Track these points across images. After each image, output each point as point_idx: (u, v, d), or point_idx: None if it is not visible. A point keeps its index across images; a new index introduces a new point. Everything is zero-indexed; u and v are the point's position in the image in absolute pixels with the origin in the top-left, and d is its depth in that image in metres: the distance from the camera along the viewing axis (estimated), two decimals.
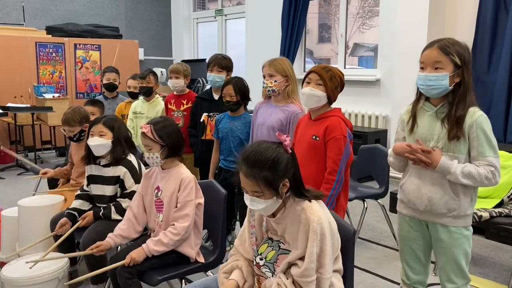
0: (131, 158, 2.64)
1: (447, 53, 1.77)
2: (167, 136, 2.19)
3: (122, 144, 2.58)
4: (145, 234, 2.39)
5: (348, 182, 2.40)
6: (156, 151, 2.19)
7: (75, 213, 2.60)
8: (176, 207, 2.19)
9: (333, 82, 2.28)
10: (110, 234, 2.27)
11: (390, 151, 2.02)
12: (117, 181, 2.57)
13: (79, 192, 2.72)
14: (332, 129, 2.25)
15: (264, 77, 2.74)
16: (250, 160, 1.53)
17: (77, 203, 2.65)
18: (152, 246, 2.11)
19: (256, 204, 1.56)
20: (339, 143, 2.23)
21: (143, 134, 2.19)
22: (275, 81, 2.69)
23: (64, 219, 2.55)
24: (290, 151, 1.58)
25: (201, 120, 3.43)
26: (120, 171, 2.57)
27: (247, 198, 1.59)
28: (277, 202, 1.57)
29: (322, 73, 2.28)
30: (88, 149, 2.59)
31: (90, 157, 2.62)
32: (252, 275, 1.72)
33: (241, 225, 3.18)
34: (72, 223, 2.56)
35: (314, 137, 2.30)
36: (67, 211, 2.62)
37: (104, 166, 2.61)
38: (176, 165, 2.28)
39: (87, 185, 2.69)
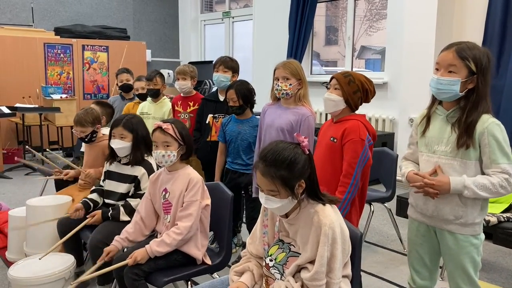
0: (151, 160, 2.65)
1: (462, 58, 1.73)
2: (186, 136, 2.25)
3: (141, 146, 2.61)
4: (152, 235, 2.40)
5: (366, 187, 2.35)
6: (174, 149, 2.21)
7: (91, 203, 2.65)
8: (182, 206, 2.20)
9: (351, 87, 2.25)
10: (116, 237, 2.28)
11: (404, 170, 1.97)
12: (133, 180, 2.59)
13: (95, 187, 2.75)
14: (350, 132, 2.22)
15: (277, 79, 2.70)
16: (267, 158, 1.55)
17: (93, 195, 2.70)
18: (155, 247, 2.11)
19: (271, 203, 1.57)
20: (356, 146, 2.19)
21: (162, 130, 2.20)
22: (290, 85, 2.65)
23: (79, 205, 2.60)
24: (308, 152, 1.59)
25: (207, 122, 3.43)
26: (139, 171, 2.59)
27: (262, 197, 1.60)
28: (292, 202, 1.57)
29: (339, 78, 2.27)
30: (111, 148, 2.63)
31: (113, 156, 2.66)
32: (262, 279, 1.73)
33: (247, 227, 3.19)
34: (86, 212, 2.61)
35: (332, 138, 2.28)
36: (83, 199, 2.66)
37: (124, 164, 2.64)
38: (183, 167, 2.29)
39: (103, 180, 2.72)
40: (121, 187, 2.61)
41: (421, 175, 1.84)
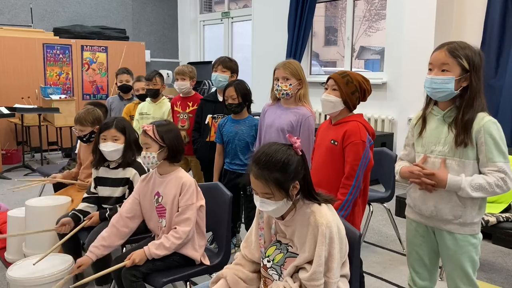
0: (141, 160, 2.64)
1: (454, 56, 1.75)
2: (168, 138, 2.19)
3: (133, 147, 2.58)
4: (149, 236, 2.39)
5: (368, 189, 2.32)
6: (154, 151, 2.17)
7: (80, 215, 2.59)
8: (178, 211, 2.19)
9: (349, 87, 2.21)
10: (90, 247, 2.23)
11: (397, 167, 1.98)
12: (126, 182, 2.57)
13: (85, 195, 2.71)
14: (350, 134, 2.19)
15: (277, 79, 2.69)
16: (260, 161, 1.54)
17: (83, 206, 2.65)
18: (154, 250, 2.10)
19: (266, 206, 1.57)
20: (357, 148, 2.17)
21: (144, 132, 2.19)
22: (290, 85, 2.65)
23: (67, 219, 2.54)
24: (301, 153, 1.58)
25: (206, 122, 3.43)
26: (130, 173, 2.57)
27: (257, 200, 1.59)
28: (287, 204, 1.57)
29: (337, 79, 2.24)
30: (99, 153, 2.58)
31: (101, 161, 2.61)
32: (239, 284, 1.71)
33: (246, 227, 3.18)
34: (76, 225, 2.55)
35: (332, 141, 2.25)
36: (72, 211, 2.62)
37: (113, 168, 2.61)
38: (174, 170, 2.26)
39: (95, 187, 2.68)
40: (116, 192, 2.60)
41: (419, 166, 1.84)
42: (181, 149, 2.27)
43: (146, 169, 2.62)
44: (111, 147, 2.53)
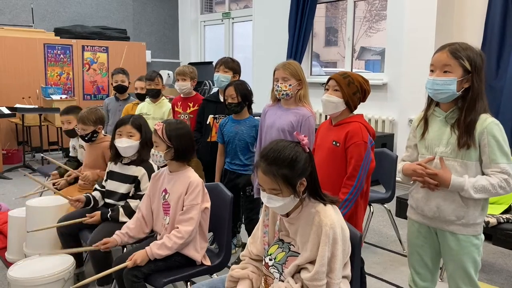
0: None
1: (456, 57, 1.75)
2: (176, 139, 2.20)
3: (148, 145, 2.59)
4: (152, 236, 2.40)
5: (369, 191, 2.32)
6: (161, 150, 2.21)
7: (92, 201, 2.65)
8: (182, 210, 2.19)
9: (351, 88, 2.22)
10: (117, 232, 2.29)
11: (399, 167, 1.98)
12: (133, 181, 2.58)
13: (97, 186, 2.75)
14: (353, 135, 2.19)
15: (277, 80, 2.71)
16: (269, 157, 1.55)
17: (96, 194, 2.69)
18: (156, 250, 2.11)
19: (273, 202, 1.58)
20: (360, 149, 2.17)
21: (155, 130, 2.22)
22: (290, 85, 2.66)
23: (82, 197, 2.61)
24: (308, 150, 1.60)
25: (207, 122, 3.44)
26: (139, 172, 2.58)
27: (264, 196, 1.60)
28: (294, 200, 1.58)
29: (339, 79, 2.24)
30: (115, 148, 2.60)
31: (117, 157, 2.64)
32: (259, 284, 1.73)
33: (246, 227, 3.19)
34: (85, 206, 2.62)
35: (334, 142, 2.25)
36: (87, 194, 2.67)
37: (125, 164, 2.63)
38: (184, 169, 2.28)
39: (105, 180, 2.71)
40: (122, 187, 2.61)
41: (422, 165, 1.84)
42: (190, 150, 2.27)
43: (156, 169, 2.63)
44: (126, 143, 2.56)
